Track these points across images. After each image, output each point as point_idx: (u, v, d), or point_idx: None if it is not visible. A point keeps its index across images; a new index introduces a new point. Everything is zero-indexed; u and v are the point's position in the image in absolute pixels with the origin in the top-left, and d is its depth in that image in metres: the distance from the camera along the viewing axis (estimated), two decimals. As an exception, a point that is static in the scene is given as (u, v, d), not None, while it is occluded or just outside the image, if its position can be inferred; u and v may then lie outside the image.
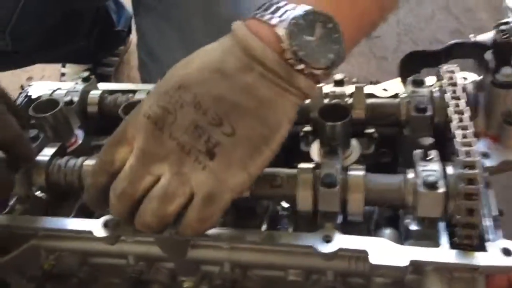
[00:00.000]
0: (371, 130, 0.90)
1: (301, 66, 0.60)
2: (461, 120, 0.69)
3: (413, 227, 0.70)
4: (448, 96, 0.73)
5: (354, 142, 0.82)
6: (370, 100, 0.85)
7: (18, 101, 1.01)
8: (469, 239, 0.66)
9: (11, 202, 0.84)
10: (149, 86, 1.01)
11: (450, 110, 0.71)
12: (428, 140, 0.70)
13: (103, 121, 1.00)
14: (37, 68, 2.24)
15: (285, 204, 0.84)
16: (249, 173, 0.62)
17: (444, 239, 0.68)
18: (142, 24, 1.44)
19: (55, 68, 2.21)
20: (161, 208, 0.61)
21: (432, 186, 0.66)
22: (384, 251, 0.67)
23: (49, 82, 1.06)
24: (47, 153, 0.82)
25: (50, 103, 0.89)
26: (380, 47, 2.13)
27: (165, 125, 0.60)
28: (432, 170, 0.68)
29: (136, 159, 0.62)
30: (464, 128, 0.68)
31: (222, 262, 0.82)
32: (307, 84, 0.62)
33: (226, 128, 0.59)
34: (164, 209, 0.61)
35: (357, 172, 0.72)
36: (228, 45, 0.62)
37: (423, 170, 0.68)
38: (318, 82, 0.64)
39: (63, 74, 2.16)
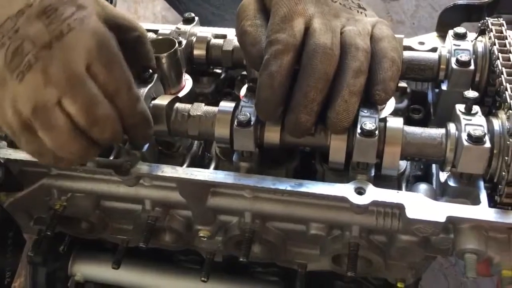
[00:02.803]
0: (404, 84, 0.86)
1: None
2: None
3: (452, 183, 0.67)
4: (497, 48, 0.69)
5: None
6: (406, 53, 0.81)
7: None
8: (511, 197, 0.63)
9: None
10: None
11: (501, 62, 0.67)
12: (473, 93, 0.67)
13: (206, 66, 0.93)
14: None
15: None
16: None
17: (483, 197, 0.65)
18: None
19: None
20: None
21: (478, 140, 0.62)
22: (421, 206, 0.64)
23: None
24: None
25: (163, 42, 0.81)
26: (398, 11, 2.06)
27: None
28: (477, 125, 0.64)
29: (320, 19, 0.69)
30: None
31: (243, 212, 0.79)
32: None
33: None
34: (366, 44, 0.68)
35: (396, 124, 0.68)
36: None
37: (468, 125, 0.65)
38: None
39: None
